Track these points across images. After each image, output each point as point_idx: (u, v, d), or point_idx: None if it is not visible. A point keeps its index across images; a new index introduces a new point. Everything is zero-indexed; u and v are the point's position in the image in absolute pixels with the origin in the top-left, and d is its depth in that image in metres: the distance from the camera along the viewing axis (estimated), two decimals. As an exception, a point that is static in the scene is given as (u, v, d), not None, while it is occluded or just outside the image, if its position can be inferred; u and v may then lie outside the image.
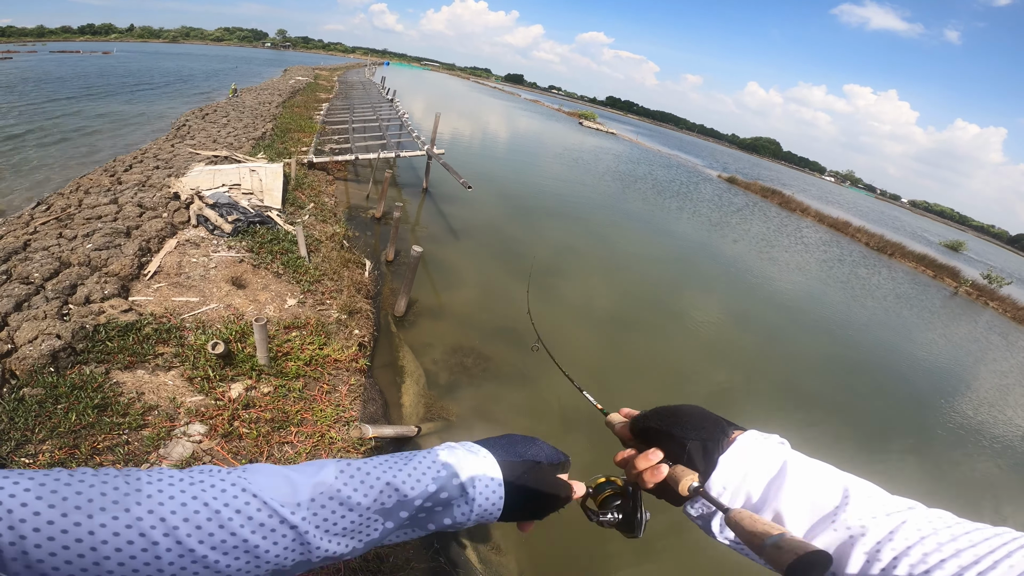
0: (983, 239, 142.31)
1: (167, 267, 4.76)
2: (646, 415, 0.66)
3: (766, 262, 15.28)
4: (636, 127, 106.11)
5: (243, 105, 16.89)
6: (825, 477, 0.53)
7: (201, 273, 4.89)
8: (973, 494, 6.22)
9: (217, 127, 12.32)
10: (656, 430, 0.63)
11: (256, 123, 13.73)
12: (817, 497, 0.51)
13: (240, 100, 18.27)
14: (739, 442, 0.58)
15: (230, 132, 11.87)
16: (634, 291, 9.45)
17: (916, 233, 50.52)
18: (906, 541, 0.45)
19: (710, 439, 0.58)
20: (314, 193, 8.98)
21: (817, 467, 0.54)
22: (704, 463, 0.58)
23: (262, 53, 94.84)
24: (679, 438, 0.60)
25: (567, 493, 0.65)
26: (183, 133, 10.94)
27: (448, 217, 10.58)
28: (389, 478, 0.51)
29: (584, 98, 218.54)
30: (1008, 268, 40.04)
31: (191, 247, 5.32)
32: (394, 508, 0.51)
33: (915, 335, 12.74)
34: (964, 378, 10.65)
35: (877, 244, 26.41)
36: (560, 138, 35.66)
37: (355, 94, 26.89)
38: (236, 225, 6.14)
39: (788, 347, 9.16)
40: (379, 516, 0.50)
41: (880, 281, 18.61)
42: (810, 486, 0.52)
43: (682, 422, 0.61)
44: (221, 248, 5.57)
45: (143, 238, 4.89)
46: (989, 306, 20.95)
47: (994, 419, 8.76)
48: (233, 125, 12.89)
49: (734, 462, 0.56)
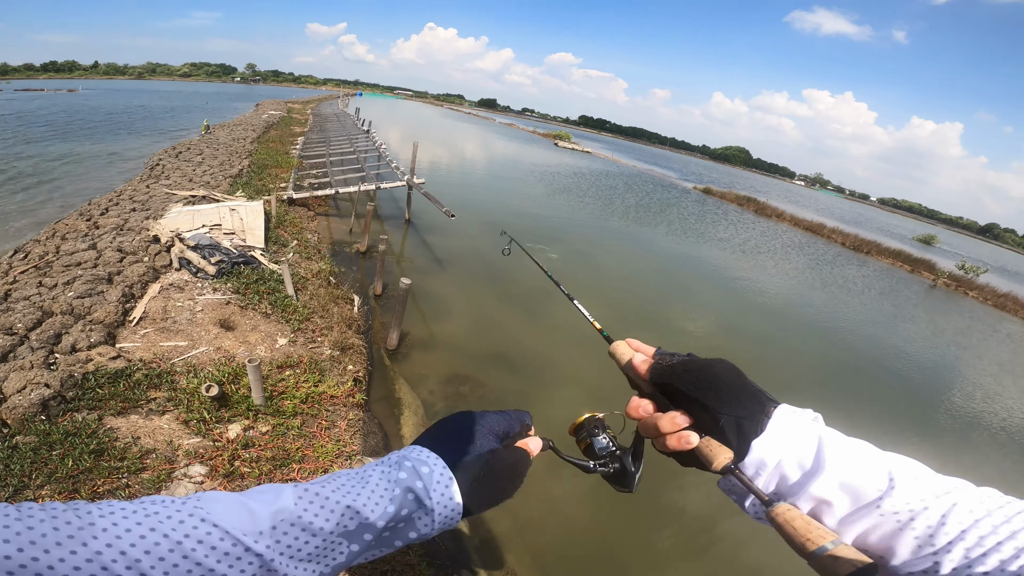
0: (954, 231, 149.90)
1: (152, 312, 4.69)
2: (674, 370, 0.58)
3: (751, 269, 15.84)
4: (610, 144, 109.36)
5: (217, 142, 16.81)
6: (867, 459, 0.49)
7: (188, 317, 4.83)
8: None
9: (192, 165, 12.22)
10: (685, 395, 0.57)
11: (232, 160, 13.68)
12: (859, 482, 0.48)
13: (214, 137, 18.18)
14: (774, 421, 0.54)
15: (206, 170, 11.79)
16: (623, 306, 9.65)
17: (888, 230, 52.76)
18: (960, 525, 0.43)
19: (747, 417, 0.54)
20: (296, 230, 8.97)
21: (857, 448, 0.51)
22: (738, 442, 0.54)
23: (232, 88, 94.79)
24: (712, 410, 0.55)
25: (525, 464, 0.61)
26: (157, 173, 10.82)
27: (433, 247, 10.67)
28: (349, 501, 0.50)
29: (558, 118, 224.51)
30: (982, 257, 42.04)
31: (175, 291, 5.26)
32: (357, 531, 0.50)
33: (902, 329, 13.34)
34: (962, 370, 11.15)
35: (853, 243, 27.50)
36: (537, 160, 36.40)
37: (330, 126, 27.06)
38: (220, 267, 6.09)
39: (781, 352, 9.43)
40: (343, 539, 0.49)
41: (861, 279, 19.44)
42: (851, 470, 0.49)
43: (717, 392, 0.55)
44: (206, 291, 5.52)
45: (125, 284, 4.82)
46: (969, 295, 21.91)
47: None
48: (208, 163, 12.81)
49: (770, 444, 0.53)
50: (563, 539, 4.06)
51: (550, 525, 4.13)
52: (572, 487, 4.51)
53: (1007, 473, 7.03)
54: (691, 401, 0.56)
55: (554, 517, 4.21)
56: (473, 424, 0.59)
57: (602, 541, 4.15)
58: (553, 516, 4.22)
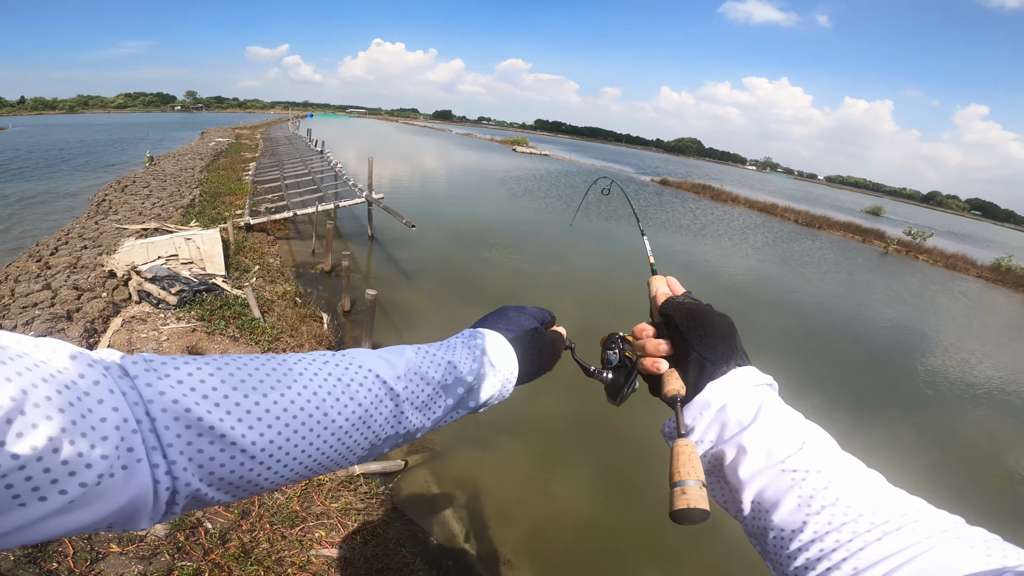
0: (899, 201, 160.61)
1: (117, 345, 4.61)
2: (679, 305, 0.64)
3: (713, 251, 16.63)
4: (567, 145, 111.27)
5: (163, 173, 16.29)
6: (790, 426, 0.53)
7: (154, 347, 4.77)
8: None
9: (140, 199, 11.85)
10: (676, 325, 0.63)
11: (181, 190, 13.33)
12: (777, 441, 0.51)
13: (159, 168, 17.60)
14: (732, 375, 0.57)
15: (155, 203, 11.46)
16: (596, 301, 9.86)
17: (837, 205, 55.69)
18: (837, 492, 0.46)
19: (711, 361, 0.58)
20: (257, 255, 8.87)
21: (786, 413, 0.55)
22: (695, 380, 0.58)
23: (173, 117, 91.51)
24: (689, 346, 0.60)
25: (561, 342, 0.74)
26: (105, 208, 10.45)
27: (399, 260, 10.70)
28: (450, 357, 0.58)
29: (514, 124, 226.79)
30: (929, 223, 44.97)
31: (138, 323, 5.17)
32: (453, 384, 0.57)
33: (861, 295, 14.28)
34: (921, 329, 12.02)
35: (805, 220, 29.12)
36: (497, 166, 36.74)
37: (282, 149, 26.58)
38: (181, 296, 6.00)
39: (749, 327, 9.83)
40: (443, 392, 0.56)
41: (816, 251, 20.72)
42: (774, 430, 0.52)
43: (701, 331, 0.60)
44: (170, 320, 5.44)
45: (86, 320, 4.73)
46: (919, 259, 23.65)
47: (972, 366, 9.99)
48: (157, 195, 12.45)
49: (720, 390, 0.56)
50: (561, 536, 4.09)
51: (547, 523, 4.20)
52: (571, 487, 4.67)
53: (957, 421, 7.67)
54: (681, 336, 0.61)
55: (552, 512, 4.29)
56: (519, 313, 0.71)
57: (606, 533, 4.20)
58: (552, 513, 4.29)
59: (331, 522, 3.31)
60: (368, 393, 0.49)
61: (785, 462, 0.49)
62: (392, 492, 4.03)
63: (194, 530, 2.93)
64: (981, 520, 0.42)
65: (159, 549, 2.74)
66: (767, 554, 0.50)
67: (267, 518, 3.16)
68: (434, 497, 4.17)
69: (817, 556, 0.44)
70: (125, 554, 2.66)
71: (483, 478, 4.49)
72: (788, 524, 0.47)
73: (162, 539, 2.81)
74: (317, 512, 3.35)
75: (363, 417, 0.48)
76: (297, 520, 3.21)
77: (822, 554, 0.43)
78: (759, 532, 0.51)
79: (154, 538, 2.80)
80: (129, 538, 2.73)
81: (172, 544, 2.78)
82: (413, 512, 3.92)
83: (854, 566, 0.41)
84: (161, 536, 2.83)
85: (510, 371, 0.64)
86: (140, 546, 2.73)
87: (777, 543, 0.48)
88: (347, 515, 3.42)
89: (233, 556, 2.81)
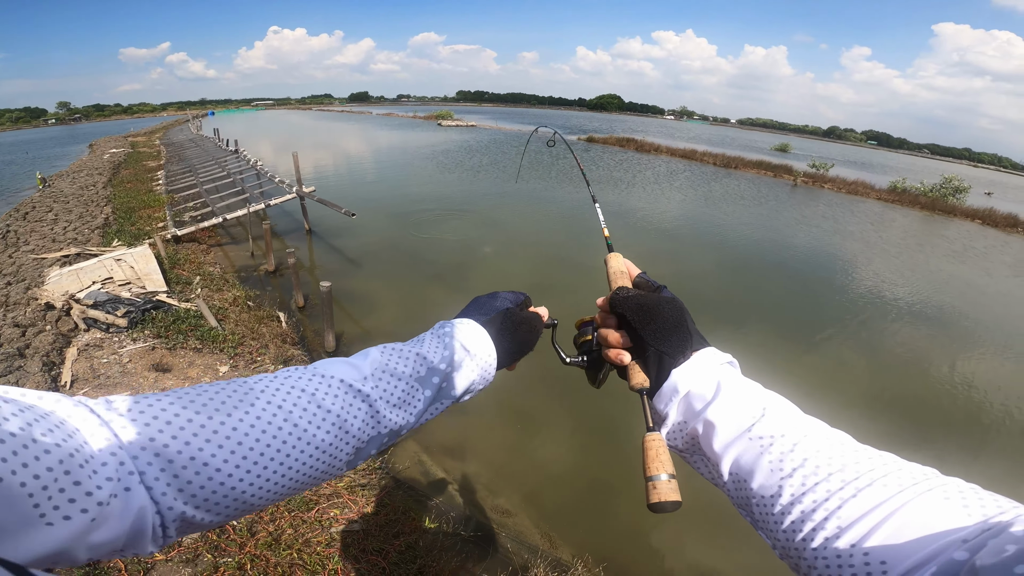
0: (803, 137, 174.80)
1: (81, 373, 4.65)
2: (627, 300, 0.64)
3: (643, 199, 17.69)
4: (493, 113, 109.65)
5: (63, 194, 14.89)
6: (750, 396, 0.55)
7: (119, 370, 4.84)
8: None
9: (47, 225, 10.96)
10: (628, 322, 0.63)
11: (90, 210, 12.40)
12: (740, 411, 0.53)
13: (56, 189, 16.02)
14: (693, 360, 0.60)
15: (66, 227, 10.67)
16: (540, 258, 10.41)
17: (750, 145, 59.43)
18: (804, 453, 0.47)
19: (668, 353, 0.60)
20: (195, 266, 8.69)
21: (746, 387, 0.57)
22: (656, 373, 0.60)
23: (49, 131, 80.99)
24: (645, 340, 0.61)
25: (538, 321, 0.74)
26: (12, 240, 9.63)
27: (342, 250, 10.74)
28: (419, 350, 0.60)
29: (436, 99, 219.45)
30: (831, 155, 49.15)
31: (94, 349, 5.16)
32: (427, 375, 0.58)
33: (780, 227, 15.82)
34: (834, 251, 13.45)
35: (723, 161, 31.30)
36: (424, 143, 35.92)
37: (190, 153, 24.66)
38: (130, 317, 5.96)
39: (686, 268, 10.65)
40: (418, 384, 0.57)
41: (735, 187, 22.57)
42: (736, 401, 0.54)
43: (653, 325, 0.61)
44: (126, 342, 5.45)
45: (40, 354, 4.69)
46: (825, 188, 26.29)
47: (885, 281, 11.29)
48: (65, 218, 11.53)
49: (684, 375, 0.59)
50: (552, 482, 4.41)
51: (535, 471, 4.51)
52: (553, 439, 5.18)
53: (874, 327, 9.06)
54: (634, 330, 0.62)
55: (539, 462, 4.64)
56: (491, 298, 0.72)
57: (592, 472, 4.52)
58: (538, 462, 4.64)
59: (342, 500, 3.56)
60: (335, 399, 0.49)
61: (751, 430, 0.52)
62: (388, 465, 4.34)
63: (223, 529, 3.07)
64: (923, 433, 0.63)
65: (199, 551, 2.90)
66: (756, 523, 0.51)
67: (284, 507, 3.37)
68: (427, 463, 4.52)
69: (800, 518, 0.45)
70: (170, 560, 2.82)
71: (469, 440, 4.87)
72: (766, 490, 0.48)
73: (198, 541, 2.96)
74: (327, 493, 3.60)
75: (337, 423, 0.48)
76: (311, 504, 3.45)
77: (804, 515, 0.44)
78: (744, 502, 0.52)
79: (191, 540, 2.95)
80: (169, 546, 2.86)
81: (208, 544, 2.94)
82: (411, 479, 4.27)
83: (837, 524, 0.41)
84: (196, 537, 2.96)
85: (487, 354, 0.64)
86: (181, 551, 2.88)
87: (761, 510, 0.49)
88: (354, 492, 3.70)
89: (265, 545, 3.00)
